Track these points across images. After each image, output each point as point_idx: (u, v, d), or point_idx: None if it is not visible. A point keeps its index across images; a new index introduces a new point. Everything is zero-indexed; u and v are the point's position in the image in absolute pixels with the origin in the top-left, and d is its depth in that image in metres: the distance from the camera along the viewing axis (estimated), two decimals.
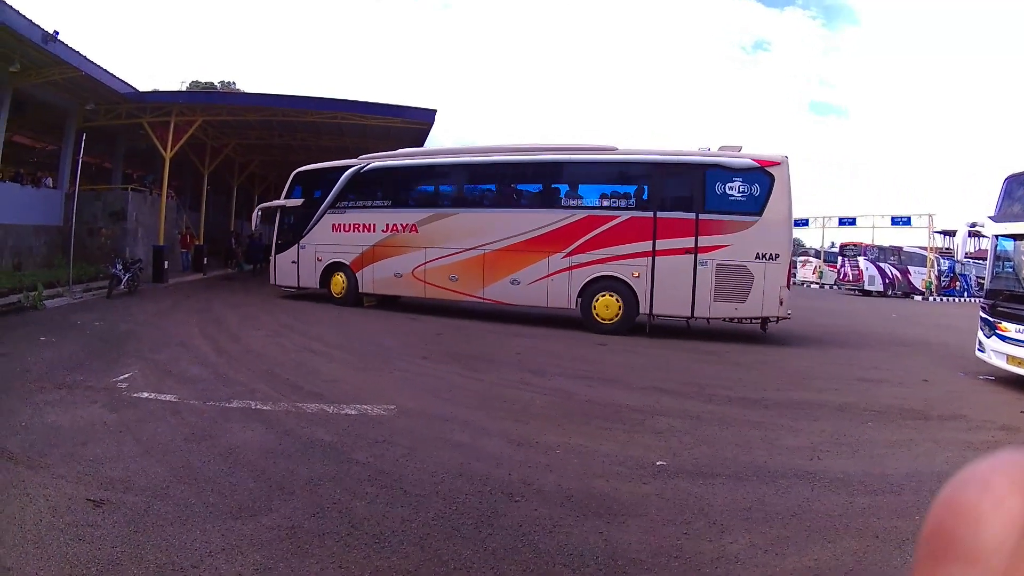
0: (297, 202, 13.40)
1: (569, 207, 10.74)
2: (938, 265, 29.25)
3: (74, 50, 12.72)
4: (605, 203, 10.60)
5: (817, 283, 33.38)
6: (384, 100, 19.49)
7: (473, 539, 2.87)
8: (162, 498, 3.17)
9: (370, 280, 12.42)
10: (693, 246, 9.78)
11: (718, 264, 9.68)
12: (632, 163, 10.76)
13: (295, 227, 13.35)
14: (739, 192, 9.68)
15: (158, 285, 14.83)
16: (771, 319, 9.89)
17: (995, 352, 7.20)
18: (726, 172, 9.75)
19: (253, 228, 17.84)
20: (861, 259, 27.49)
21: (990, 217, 7.77)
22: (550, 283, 10.59)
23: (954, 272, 30.05)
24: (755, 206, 9.58)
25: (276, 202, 14.32)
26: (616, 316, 10.17)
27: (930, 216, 29.85)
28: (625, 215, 10.31)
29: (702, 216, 9.79)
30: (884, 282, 27.29)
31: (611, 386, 6.25)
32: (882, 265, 27.54)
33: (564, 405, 5.44)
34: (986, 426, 5.27)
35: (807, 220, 37.06)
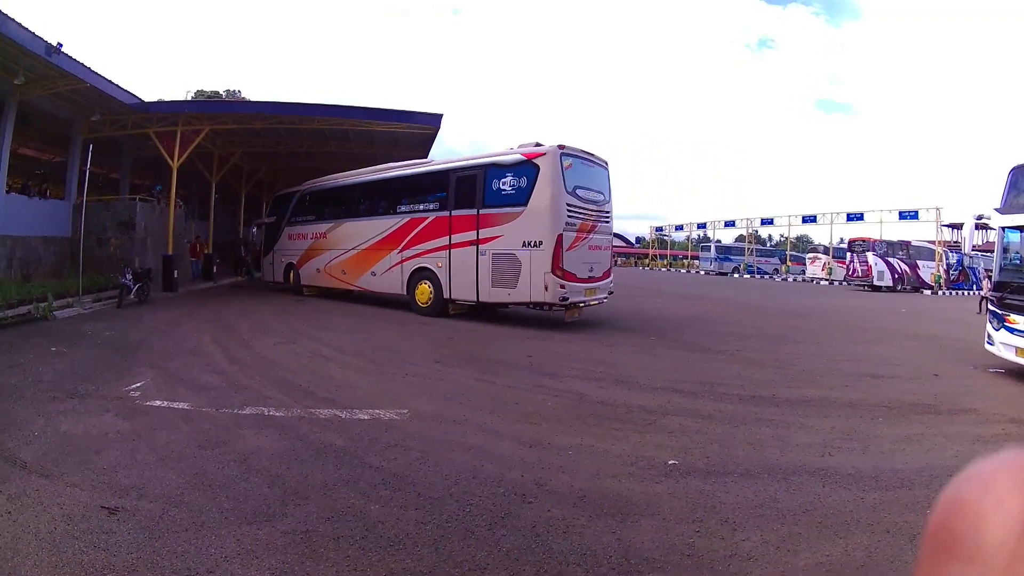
0: (273, 219, 17.99)
1: (401, 213, 12.81)
2: (947, 259, 29.06)
3: (78, 62, 12.85)
4: (420, 207, 12.41)
5: (827, 280, 33.19)
6: (393, 106, 19.58)
7: (487, 540, 2.89)
8: (176, 505, 3.20)
9: (305, 274, 15.99)
10: (475, 239, 11.07)
11: (493, 253, 10.79)
12: (436, 172, 12.42)
13: (273, 237, 17.68)
14: (510, 186, 10.64)
15: (168, 294, 14.97)
16: (544, 305, 10.47)
17: (1004, 345, 7.16)
18: (501, 169, 10.80)
19: (252, 240, 21.84)
20: (870, 255, 27.31)
21: (996, 209, 7.72)
22: (391, 274, 12.88)
23: (962, 265, 29.86)
24: (522, 197, 10.44)
25: (263, 219, 19.52)
26: (429, 300, 11.96)
27: (938, 210, 29.72)
28: (432, 216, 12.04)
29: (482, 211, 11.03)
30: (893, 277, 27.13)
31: (623, 387, 6.24)
32: (891, 260, 27.37)
33: (576, 406, 5.43)
34: (996, 419, 5.23)
35: (815, 216, 36.97)
